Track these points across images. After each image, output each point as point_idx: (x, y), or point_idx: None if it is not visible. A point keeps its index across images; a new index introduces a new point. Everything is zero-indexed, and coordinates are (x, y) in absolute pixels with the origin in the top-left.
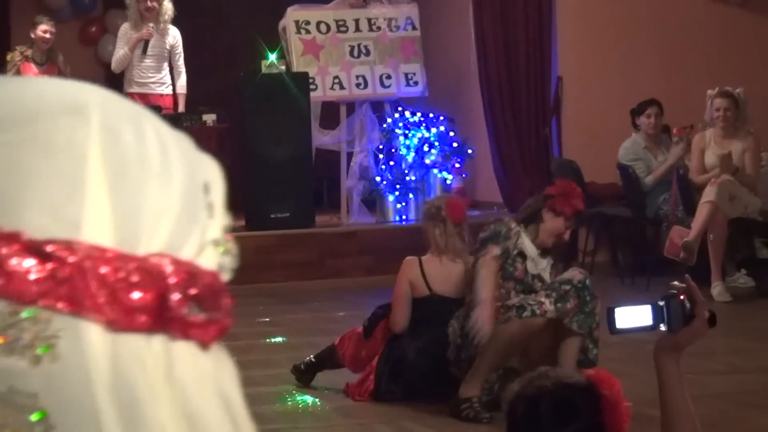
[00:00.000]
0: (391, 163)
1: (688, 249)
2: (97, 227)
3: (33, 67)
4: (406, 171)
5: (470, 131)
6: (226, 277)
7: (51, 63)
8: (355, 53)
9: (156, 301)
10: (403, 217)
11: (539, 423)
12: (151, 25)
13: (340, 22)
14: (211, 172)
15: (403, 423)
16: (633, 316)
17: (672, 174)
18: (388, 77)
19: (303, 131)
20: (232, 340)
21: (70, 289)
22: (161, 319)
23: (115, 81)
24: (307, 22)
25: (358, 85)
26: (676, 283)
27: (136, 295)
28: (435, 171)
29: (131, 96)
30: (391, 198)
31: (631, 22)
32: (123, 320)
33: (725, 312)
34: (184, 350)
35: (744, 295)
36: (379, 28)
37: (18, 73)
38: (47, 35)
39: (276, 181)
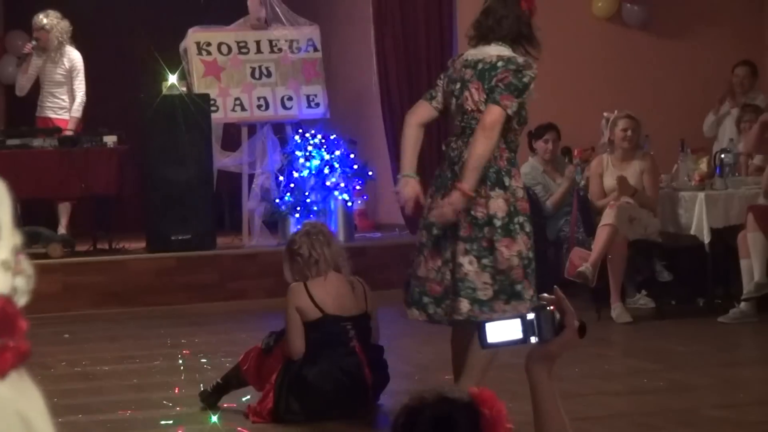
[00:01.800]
0: (293, 185)
1: (586, 272)
2: None
3: None
4: (308, 193)
5: (371, 153)
6: (21, 300)
7: None
8: (257, 75)
9: None
10: None
11: None
12: (30, 43)
13: (242, 44)
14: None
15: None
16: (503, 330)
17: (572, 196)
18: (290, 99)
19: (204, 153)
20: (133, 361)
21: None
22: None
23: (15, 102)
24: (208, 44)
25: (259, 106)
26: (545, 295)
27: None
28: (336, 193)
29: (37, 119)
30: (292, 220)
31: None
32: None
33: (625, 333)
34: None
35: (644, 316)
36: (280, 49)
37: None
38: None
39: (177, 202)
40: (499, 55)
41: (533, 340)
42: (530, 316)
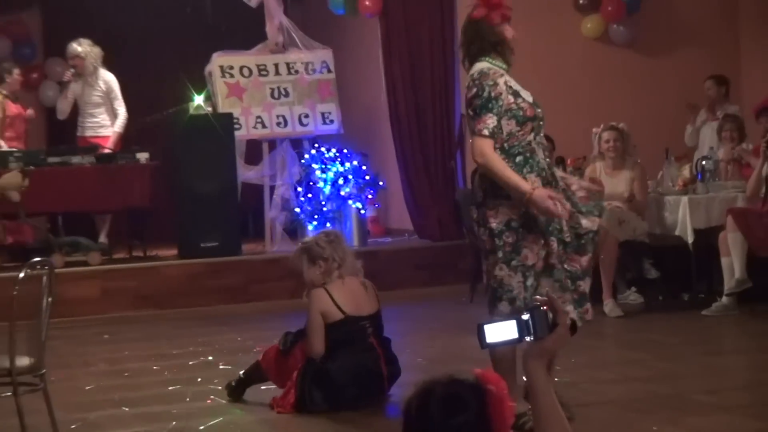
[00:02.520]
0: (310, 195)
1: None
2: None
3: (11, 104)
4: (324, 202)
5: (382, 165)
6: None
7: (19, 100)
8: (276, 95)
9: None
10: None
11: (430, 415)
12: (69, 71)
13: (261, 67)
14: None
15: None
16: (500, 331)
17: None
18: (306, 116)
19: (229, 167)
20: (167, 359)
21: None
22: None
23: (55, 123)
24: (231, 67)
25: (278, 124)
26: (538, 297)
27: None
28: (350, 202)
29: (77, 139)
30: (310, 227)
31: (527, 65)
32: None
33: (616, 326)
34: None
35: (634, 310)
36: (297, 71)
37: (4, 108)
38: (21, 78)
39: (205, 213)
40: (470, 74)
41: (528, 339)
42: (525, 316)
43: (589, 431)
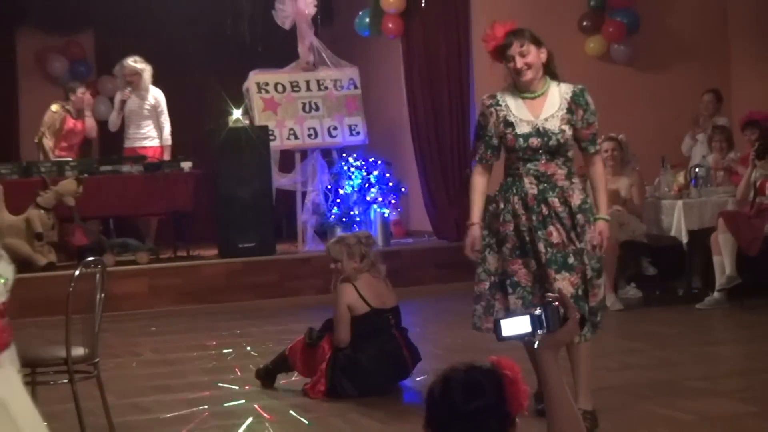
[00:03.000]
0: (339, 200)
1: None
2: None
3: (70, 118)
4: (351, 206)
5: (404, 172)
6: (1, 299)
7: (80, 118)
8: (307, 109)
9: None
10: None
11: (453, 400)
12: (128, 89)
13: (294, 83)
14: None
15: (353, 416)
16: (515, 325)
17: None
18: (335, 128)
19: (265, 175)
20: (208, 349)
21: None
22: None
23: (107, 135)
24: (267, 84)
25: (309, 135)
26: (550, 294)
27: None
28: (375, 206)
29: (125, 150)
30: (339, 229)
31: None
32: None
33: (618, 319)
34: None
35: (633, 304)
36: (326, 87)
37: (63, 121)
38: (86, 96)
39: (243, 216)
40: None
41: (540, 332)
42: (537, 312)
43: None
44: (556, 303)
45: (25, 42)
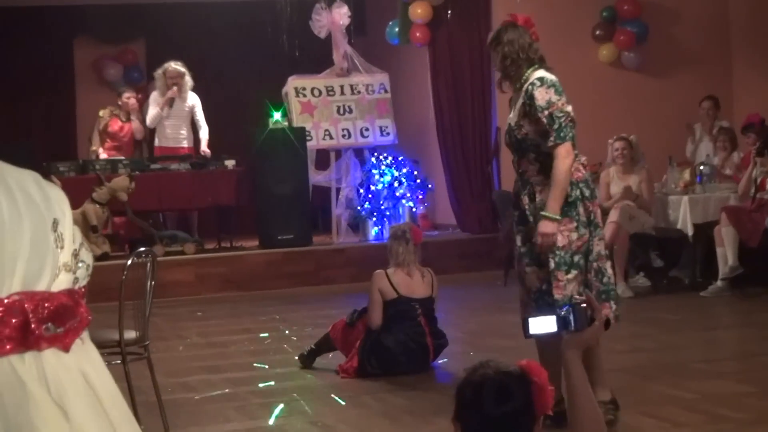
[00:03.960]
0: (370, 195)
1: None
2: None
3: (118, 122)
4: (382, 202)
5: (430, 170)
6: (83, 282)
7: (129, 121)
8: (341, 111)
9: (19, 330)
10: (380, 236)
11: (483, 404)
12: (175, 88)
13: (329, 88)
14: (59, 209)
15: (383, 395)
16: (542, 324)
17: None
18: (367, 129)
19: (302, 172)
20: (250, 333)
21: None
22: (27, 341)
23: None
24: (304, 88)
25: (343, 136)
26: (577, 296)
27: (2, 328)
28: (404, 201)
29: (157, 149)
30: (370, 222)
31: None
32: None
33: (628, 305)
34: (51, 356)
35: (642, 292)
36: (359, 91)
37: (107, 124)
38: (131, 100)
39: (281, 210)
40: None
41: (564, 333)
42: (564, 312)
43: None
44: (584, 304)
45: (83, 50)
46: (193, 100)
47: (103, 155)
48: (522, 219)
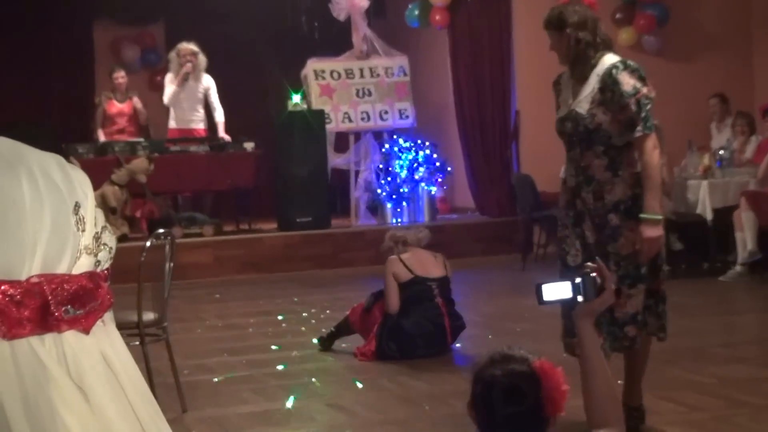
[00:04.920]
0: (389, 178)
1: None
2: None
3: (115, 103)
4: (400, 184)
5: (449, 153)
6: (105, 266)
7: (129, 100)
8: (360, 94)
9: (39, 312)
10: (398, 219)
11: (493, 405)
12: (189, 64)
13: (349, 71)
14: (81, 192)
15: (402, 378)
16: (556, 290)
17: None
18: (386, 112)
19: (321, 154)
20: (268, 315)
21: None
22: (46, 323)
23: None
24: (323, 71)
25: (362, 118)
26: (589, 264)
27: (22, 310)
28: (423, 184)
29: (172, 131)
30: (389, 205)
31: None
32: (13, 331)
33: None
34: (71, 338)
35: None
36: (378, 74)
37: (105, 108)
38: (119, 79)
39: (300, 193)
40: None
41: (579, 298)
42: (577, 280)
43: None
44: (594, 273)
45: (102, 33)
46: (207, 81)
47: (102, 139)
48: (578, 220)
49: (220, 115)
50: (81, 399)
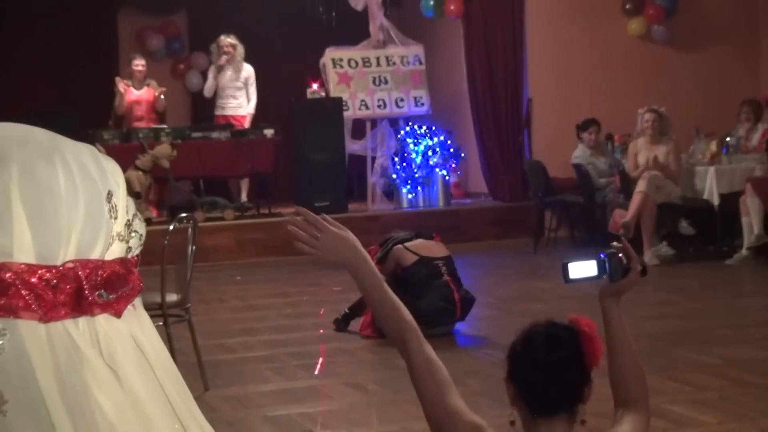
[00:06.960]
0: (404, 164)
1: (626, 227)
2: (24, 250)
3: (132, 91)
4: (416, 170)
5: (463, 140)
6: (136, 251)
7: (148, 88)
8: (377, 82)
9: (73, 296)
10: (413, 204)
11: (534, 352)
12: (224, 57)
13: (366, 59)
14: (113, 181)
15: None
16: (582, 269)
17: (614, 170)
18: (402, 100)
19: (338, 141)
20: (288, 297)
21: (8, 298)
22: (80, 306)
23: (198, 105)
24: (341, 60)
25: (379, 106)
26: (615, 243)
27: (57, 294)
28: (437, 170)
29: (217, 117)
30: (404, 190)
31: (584, 58)
32: (50, 314)
33: (654, 272)
34: (103, 321)
35: (668, 260)
36: (394, 63)
37: (122, 95)
38: (139, 67)
39: (318, 178)
40: None
41: (605, 277)
42: (603, 257)
43: None
44: (620, 254)
45: (126, 22)
46: (248, 71)
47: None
48: None
49: (251, 106)
50: (113, 380)
